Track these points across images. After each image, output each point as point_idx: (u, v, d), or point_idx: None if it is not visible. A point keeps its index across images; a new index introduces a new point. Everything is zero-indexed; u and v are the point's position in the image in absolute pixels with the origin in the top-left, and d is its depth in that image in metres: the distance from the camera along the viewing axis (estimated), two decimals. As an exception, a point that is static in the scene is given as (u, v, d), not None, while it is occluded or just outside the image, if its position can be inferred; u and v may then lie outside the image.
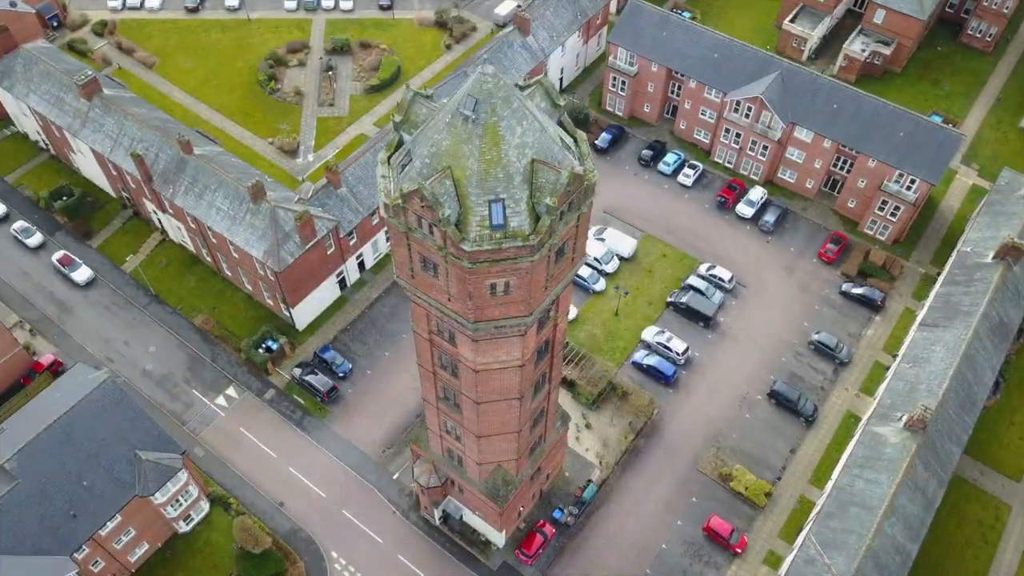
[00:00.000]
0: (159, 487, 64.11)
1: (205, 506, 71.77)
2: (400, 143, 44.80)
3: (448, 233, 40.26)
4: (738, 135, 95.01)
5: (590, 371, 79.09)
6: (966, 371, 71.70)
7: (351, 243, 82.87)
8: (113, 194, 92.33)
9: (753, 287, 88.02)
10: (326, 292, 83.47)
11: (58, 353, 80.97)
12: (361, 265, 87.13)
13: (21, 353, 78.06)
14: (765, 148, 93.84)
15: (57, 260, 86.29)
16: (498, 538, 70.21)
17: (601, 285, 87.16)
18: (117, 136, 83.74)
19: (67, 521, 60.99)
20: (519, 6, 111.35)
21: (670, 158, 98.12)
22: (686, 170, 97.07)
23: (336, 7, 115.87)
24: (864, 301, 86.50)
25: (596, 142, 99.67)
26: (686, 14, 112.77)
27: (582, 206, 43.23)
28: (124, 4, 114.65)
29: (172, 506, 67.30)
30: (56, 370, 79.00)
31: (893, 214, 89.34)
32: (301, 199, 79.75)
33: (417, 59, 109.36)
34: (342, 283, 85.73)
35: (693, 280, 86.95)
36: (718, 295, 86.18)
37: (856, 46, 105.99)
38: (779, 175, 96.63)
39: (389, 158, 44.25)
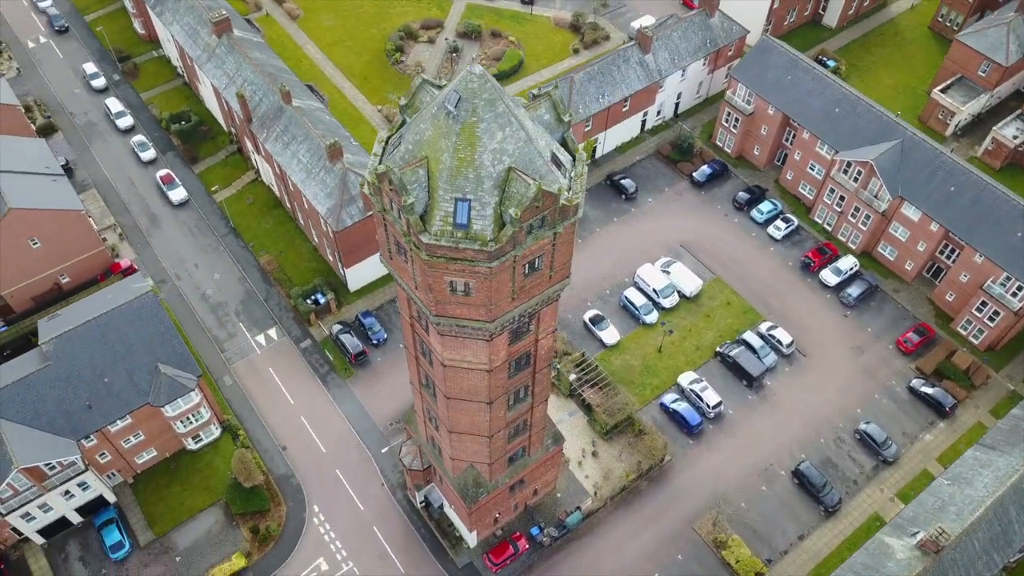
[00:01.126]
0: (170, 401, 68.38)
1: (216, 431, 75.90)
2: (402, 125, 45.38)
3: (411, 221, 40.51)
4: (842, 198, 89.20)
5: (611, 400, 77.07)
6: (1010, 505, 64.31)
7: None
8: (224, 128, 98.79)
9: (813, 358, 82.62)
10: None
11: (136, 260, 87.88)
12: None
13: (104, 253, 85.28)
14: (868, 217, 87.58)
15: (160, 177, 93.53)
16: (470, 538, 70.04)
17: (653, 318, 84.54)
18: (233, 75, 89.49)
19: (82, 410, 66.30)
20: (655, 22, 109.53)
21: (766, 206, 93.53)
22: (779, 222, 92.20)
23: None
24: (932, 403, 79.24)
25: (694, 174, 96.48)
26: (831, 63, 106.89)
27: (558, 225, 42.18)
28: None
29: (182, 422, 71.63)
30: (129, 274, 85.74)
31: (992, 318, 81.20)
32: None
33: (541, 57, 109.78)
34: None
35: (749, 336, 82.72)
36: (771, 357, 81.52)
37: (1009, 131, 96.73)
38: (878, 249, 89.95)
39: (388, 138, 44.93)
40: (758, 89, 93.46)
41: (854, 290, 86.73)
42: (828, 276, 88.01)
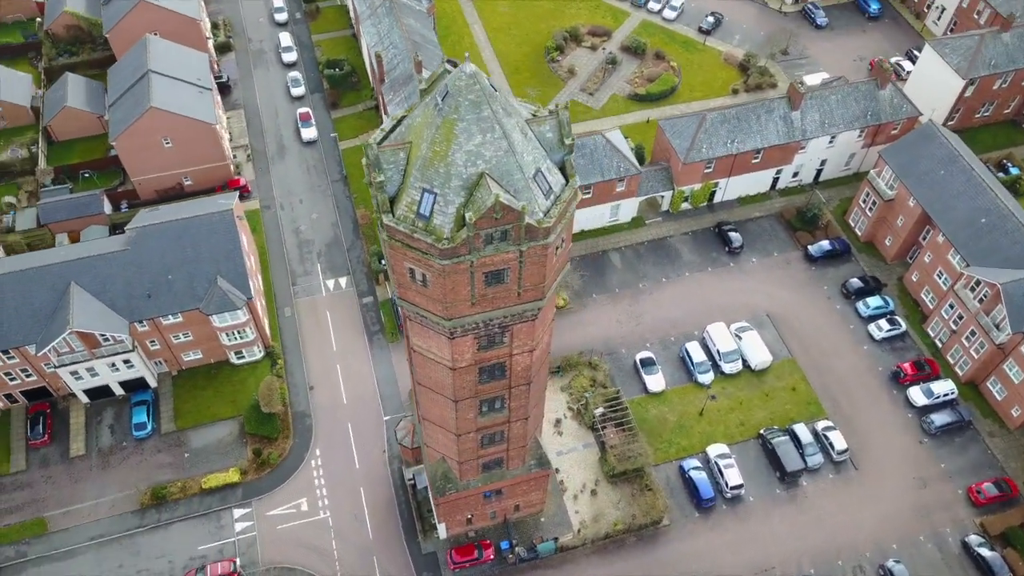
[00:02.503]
0: (218, 312, 73.51)
1: (259, 354, 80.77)
2: (419, 109, 45.90)
3: (379, 199, 41.15)
4: (960, 317, 79.98)
5: (628, 445, 74.17)
6: None
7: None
8: (370, 83, 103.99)
9: (865, 475, 75.12)
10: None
11: (252, 182, 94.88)
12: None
13: (227, 167, 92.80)
14: (982, 345, 78.03)
15: (300, 113, 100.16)
16: (441, 529, 70.23)
17: (707, 378, 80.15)
18: (384, 35, 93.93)
19: (142, 297, 72.83)
20: (826, 80, 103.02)
21: (875, 301, 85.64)
22: (884, 322, 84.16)
23: (659, 12, 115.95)
24: (984, 567, 69.75)
25: (811, 247, 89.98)
26: (1014, 170, 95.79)
27: (523, 243, 41.19)
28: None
29: (227, 335, 76.86)
30: (243, 192, 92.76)
31: (1091, 498, 70.18)
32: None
33: (697, 89, 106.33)
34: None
35: (800, 429, 76.47)
36: (817, 458, 74.97)
37: None
38: (987, 383, 79.90)
39: (402, 118, 45.62)
40: (905, 176, 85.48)
41: (940, 418, 77.73)
42: (917, 394, 79.39)
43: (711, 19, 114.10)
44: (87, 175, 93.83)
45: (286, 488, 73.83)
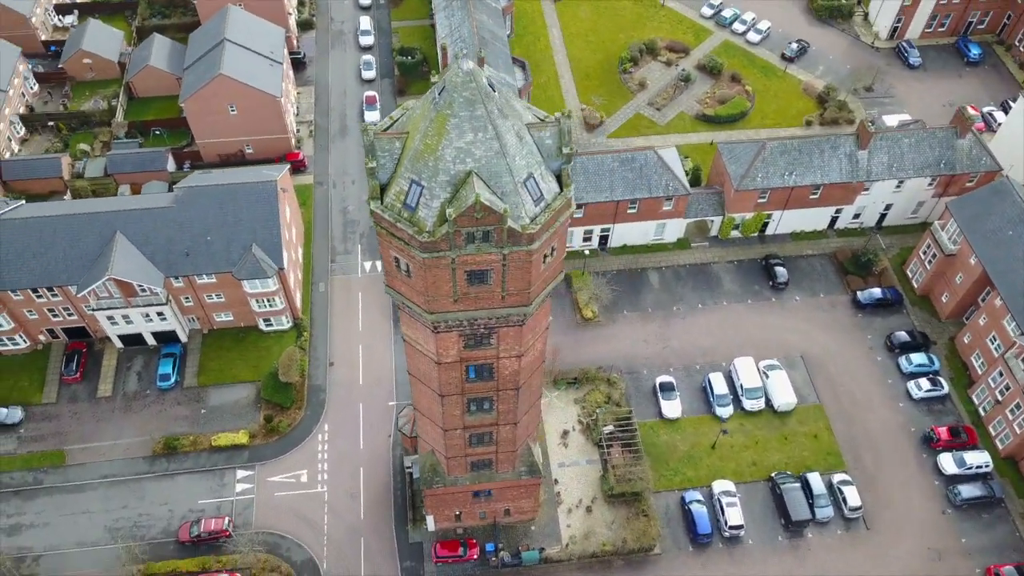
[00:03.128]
0: (249, 279, 75.64)
1: (287, 324, 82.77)
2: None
3: (371, 185, 41.56)
4: (1007, 387, 75.24)
5: (630, 468, 72.69)
6: None
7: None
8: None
9: (877, 536, 71.57)
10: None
11: (309, 157, 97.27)
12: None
13: (288, 140, 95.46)
14: (1026, 420, 73.37)
15: (365, 97, 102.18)
16: (430, 520, 70.47)
17: (726, 412, 77.90)
18: (454, 28, 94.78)
19: (180, 255, 75.60)
20: (904, 123, 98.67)
21: (919, 358, 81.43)
22: (925, 381, 79.92)
23: (743, 34, 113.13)
24: (990, 653, 65.66)
25: (860, 293, 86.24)
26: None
27: (505, 247, 40.88)
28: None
29: (257, 301, 79.01)
30: (297, 166, 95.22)
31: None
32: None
33: (769, 116, 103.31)
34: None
35: (814, 479, 73.42)
36: (827, 511, 71.86)
37: None
38: (1027, 460, 75.16)
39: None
40: (969, 231, 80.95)
41: (969, 490, 73.35)
42: (948, 462, 75.09)
43: (796, 46, 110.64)
44: (158, 132, 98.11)
45: (290, 457, 75.45)
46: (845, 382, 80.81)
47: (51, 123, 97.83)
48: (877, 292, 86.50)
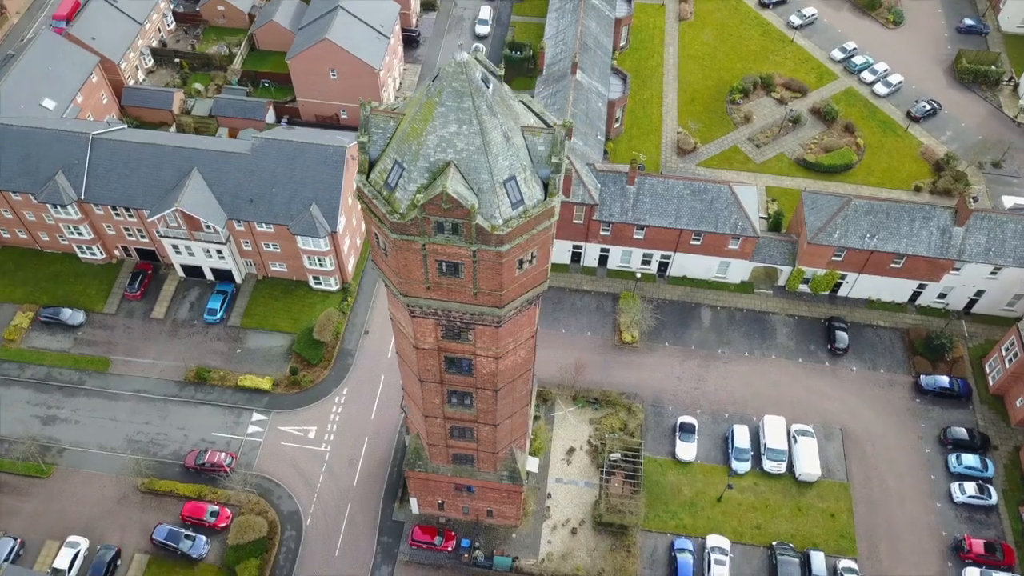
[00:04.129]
0: (302, 235, 78.50)
1: (334, 286, 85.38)
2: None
3: (360, 159, 42.28)
4: (1062, 511, 67.98)
5: (624, 500, 70.63)
6: None
7: (600, 231, 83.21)
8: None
9: (872, 635, 66.44)
10: (555, 248, 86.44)
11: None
12: (603, 260, 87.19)
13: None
14: (1075, 553, 65.92)
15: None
16: (414, 503, 71.09)
17: (743, 468, 74.24)
18: (561, 30, 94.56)
19: (245, 200, 79.37)
20: (1018, 207, 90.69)
21: (970, 460, 74.69)
22: (971, 486, 73.22)
23: (871, 84, 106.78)
24: None
25: (924, 377, 79.83)
26: None
27: (474, 243, 40.61)
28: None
29: (309, 259, 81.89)
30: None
31: None
32: (596, 166, 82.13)
33: (874, 174, 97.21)
34: (576, 257, 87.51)
35: (816, 558, 68.83)
36: (822, 594, 67.39)
37: None
38: (1067, 598, 67.51)
39: (429, 93, 46.18)
40: (1059, 336, 73.51)
41: (990, 614, 66.84)
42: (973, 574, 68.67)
43: (926, 106, 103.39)
44: (267, 84, 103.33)
45: (303, 412, 77.87)
46: (881, 467, 75.23)
47: (177, 60, 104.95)
48: (944, 380, 79.86)
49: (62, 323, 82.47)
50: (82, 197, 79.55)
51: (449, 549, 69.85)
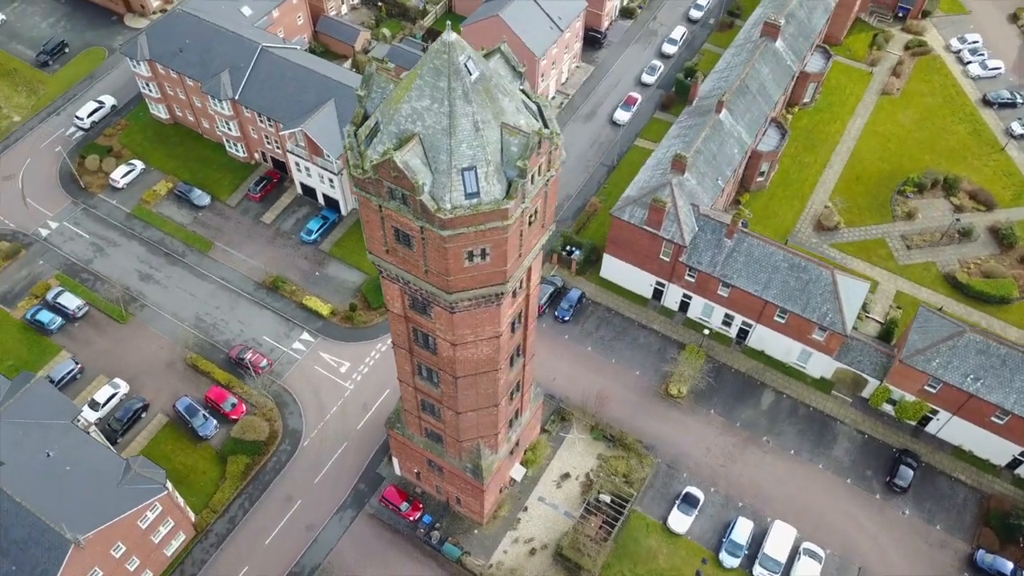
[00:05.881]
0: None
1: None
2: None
3: (356, 111, 43.93)
4: None
5: (591, 543, 67.88)
6: None
7: (686, 275, 79.45)
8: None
9: None
10: (637, 278, 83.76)
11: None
12: (684, 306, 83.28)
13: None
14: None
15: (628, 95, 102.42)
16: (396, 464, 72.78)
17: (732, 563, 68.59)
18: (729, 67, 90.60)
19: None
20: None
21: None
22: None
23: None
24: None
25: (984, 553, 69.33)
26: None
27: (420, 219, 41.07)
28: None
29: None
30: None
31: None
32: (699, 208, 78.33)
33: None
34: (657, 294, 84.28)
35: None
36: None
37: None
38: None
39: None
40: None
41: None
42: None
43: None
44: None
45: (346, 347, 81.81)
46: (889, 623, 66.61)
47: (379, 3, 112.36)
48: (1007, 566, 68.83)
49: (190, 201, 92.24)
50: (236, 97, 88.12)
51: (411, 519, 70.96)
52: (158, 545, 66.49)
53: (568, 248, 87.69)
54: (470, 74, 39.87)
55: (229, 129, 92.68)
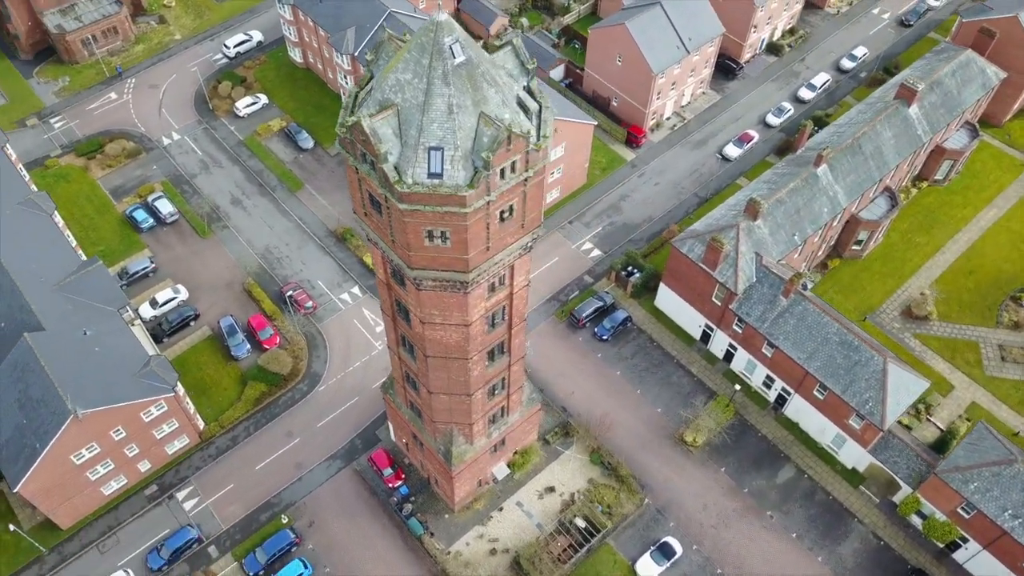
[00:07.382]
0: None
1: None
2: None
3: (364, 73, 45.21)
4: None
5: (547, 564, 66.54)
6: None
7: (733, 325, 75.70)
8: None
9: None
10: (688, 316, 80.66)
11: (649, 142, 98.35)
12: (729, 357, 79.34)
13: (642, 115, 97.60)
14: None
15: (743, 132, 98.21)
16: (391, 429, 74.26)
17: (689, 627, 65.28)
18: (848, 122, 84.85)
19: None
20: None
21: None
22: None
23: None
24: None
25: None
26: None
27: (383, 188, 41.81)
28: None
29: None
30: (633, 140, 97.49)
31: None
32: (762, 259, 74.26)
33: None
34: (705, 337, 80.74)
35: None
36: None
37: None
38: None
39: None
40: None
41: None
42: None
43: None
44: (576, 46, 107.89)
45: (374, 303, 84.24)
46: None
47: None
48: None
49: (296, 141, 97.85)
50: (355, 54, 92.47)
51: (391, 485, 72.36)
52: (160, 441, 71.63)
53: (629, 268, 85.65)
54: (454, 57, 40.01)
55: (346, 83, 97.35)
